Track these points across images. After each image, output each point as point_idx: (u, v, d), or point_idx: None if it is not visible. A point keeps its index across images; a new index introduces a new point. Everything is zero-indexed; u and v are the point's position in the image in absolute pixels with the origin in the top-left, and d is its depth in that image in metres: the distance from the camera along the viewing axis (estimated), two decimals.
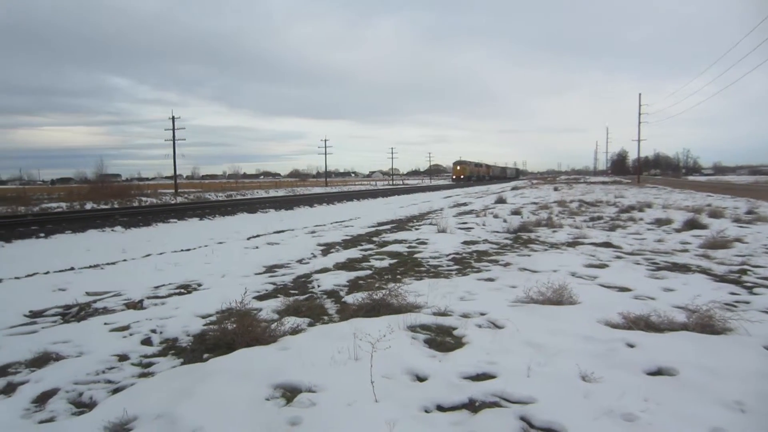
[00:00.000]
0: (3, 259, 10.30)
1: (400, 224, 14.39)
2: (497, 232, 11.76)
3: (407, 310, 4.86)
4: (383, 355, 3.50)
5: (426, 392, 3.20)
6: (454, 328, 4.45)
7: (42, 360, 4.08)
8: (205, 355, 4.01)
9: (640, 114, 57.51)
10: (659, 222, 13.00)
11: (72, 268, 8.59)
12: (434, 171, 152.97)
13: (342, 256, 8.88)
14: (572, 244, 9.69)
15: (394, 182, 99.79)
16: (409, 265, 7.72)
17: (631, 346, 3.91)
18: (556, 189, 37.81)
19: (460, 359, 3.72)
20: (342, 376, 3.39)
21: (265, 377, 3.34)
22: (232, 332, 4.16)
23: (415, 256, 8.58)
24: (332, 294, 6.06)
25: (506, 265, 7.59)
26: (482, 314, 4.86)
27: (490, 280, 6.52)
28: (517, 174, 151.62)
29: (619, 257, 8.17)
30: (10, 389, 3.53)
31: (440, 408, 3.05)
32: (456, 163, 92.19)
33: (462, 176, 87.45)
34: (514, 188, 45.48)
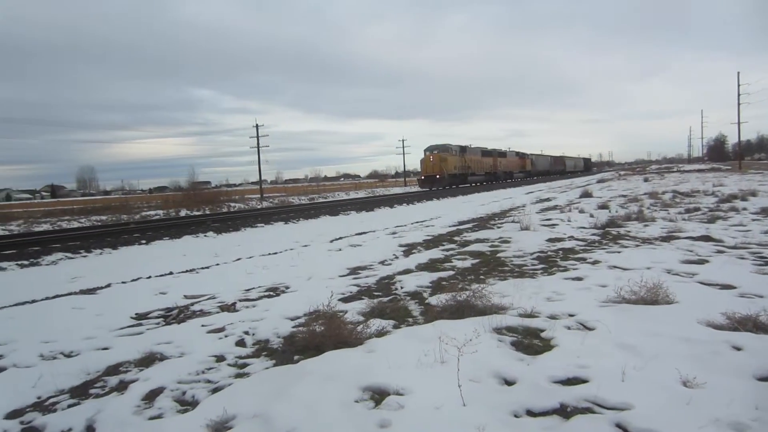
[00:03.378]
0: (112, 265, 11.19)
1: (482, 223, 14.19)
2: (583, 228, 11.32)
3: (492, 312, 4.80)
4: (469, 358, 3.48)
5: (515, 396, 3.15)
6: (542, 330, 4.33)
7: (148, 360, 4.40)
8: (296, 357, 4.17)
9: (739, 94, 53.34)
10: (766, 211, 11.98)
11: (171, 273, 9.18)
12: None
13: (424, 256, 8.90)
14: (666, 238, 9.14)
15: None
16: (492, 265, 7.60)
17: (738, 348, 3.64)
18: (646, 180, 35.83)
19: (549, 362, 3.62)
20: (428, 379, 3.40)
21: (354, 379, 3.42)
22: (321, 334, 4.28)
23: (498, 255, 8.44)
24: (415, 295, 6.08)
25: (595, 262, 7.29)
26: (571, 315, 4.71)
27: (578, 279, 6.29)
28: (587, 166, 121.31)
29: (720, 252, 7.61)
30: (122, 387, 3.84)
31: (530, 413, 2.99)
32: (430, 150, 49.14)
33: (438, 175, 46.99)
34: (599, 181, 43.59)
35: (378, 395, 3.26)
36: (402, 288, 6.52)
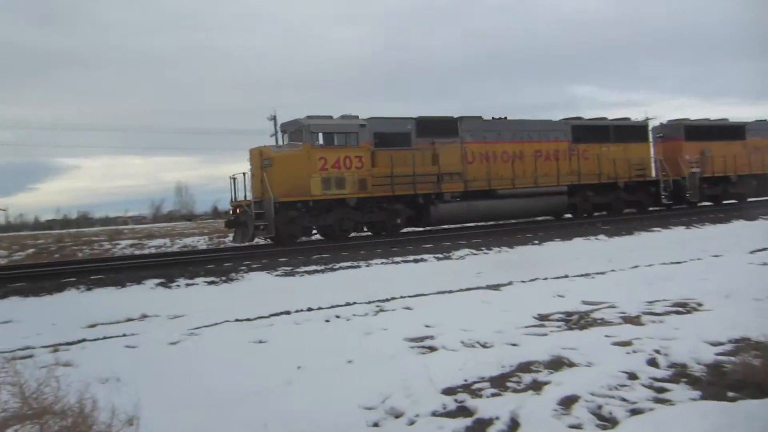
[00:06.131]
0: (506, 264, 12.07)
1: None
2: None
3: None
4: None
5: None
6: None
7: (556, 363, 4.48)
8: (729, 393, 3.57)
9: None
10: None
11: (566, 276, 9.26)
12: None
13: None
14: None
15: None
16: None
17: None
18: None
19: None
20: None
21: None
22: (762, 371, 3.56)
23: None
24: None
25: None
26: None
27: None
28: None
29: None
30: (536, 386, 3.99)
31: None
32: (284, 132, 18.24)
33: (244, 209, 16.12)
34: None
35: None
36: None
